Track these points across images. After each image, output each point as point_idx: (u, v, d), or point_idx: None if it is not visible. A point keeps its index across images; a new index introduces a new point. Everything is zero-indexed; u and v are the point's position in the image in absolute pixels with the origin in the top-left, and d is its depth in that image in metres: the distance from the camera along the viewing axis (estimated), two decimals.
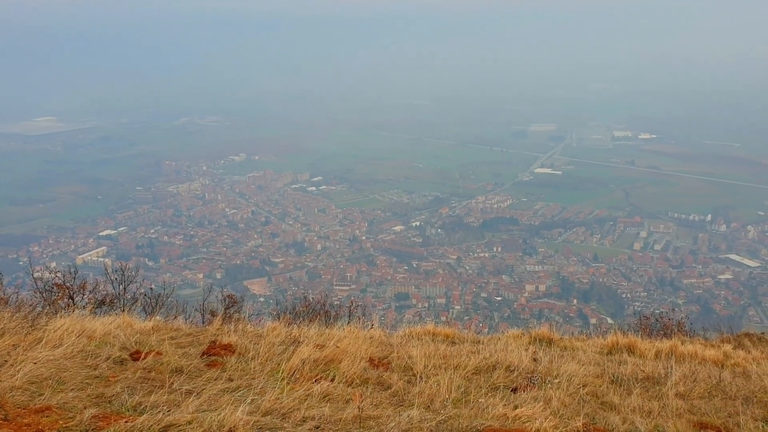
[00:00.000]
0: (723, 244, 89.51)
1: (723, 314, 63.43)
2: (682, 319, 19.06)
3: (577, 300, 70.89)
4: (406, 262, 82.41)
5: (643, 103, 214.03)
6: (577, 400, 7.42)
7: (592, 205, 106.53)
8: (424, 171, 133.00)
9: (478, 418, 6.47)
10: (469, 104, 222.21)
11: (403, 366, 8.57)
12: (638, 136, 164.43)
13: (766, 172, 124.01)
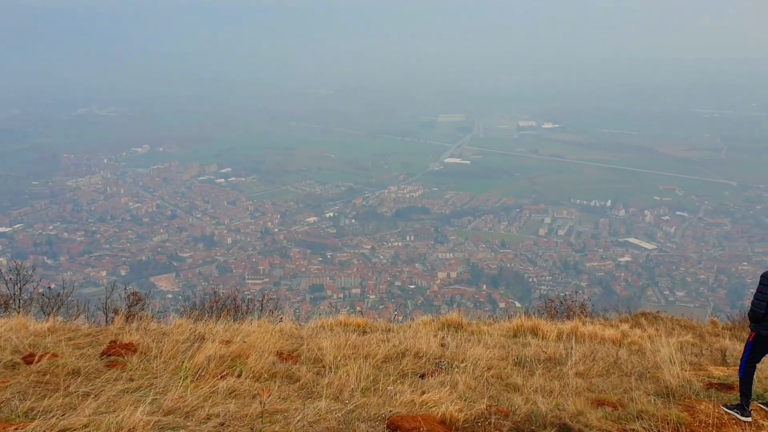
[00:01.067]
0: (622, 228, 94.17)
1: (623, 295, 66.74)
2: (584, 301, 19.94)
3: (486, 285, 72.73)
4: (320, 253, 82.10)
5: (548, 94, 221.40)
6: (482, 382, 7.62)
7: (500, 193, 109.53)
8: (336, 161, 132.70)
9: (386, 406, 6.53)
10: (379, 95, 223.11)
11: (313, 358, 8.55)
12: (542, 125, 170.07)
13: (661, 159, 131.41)
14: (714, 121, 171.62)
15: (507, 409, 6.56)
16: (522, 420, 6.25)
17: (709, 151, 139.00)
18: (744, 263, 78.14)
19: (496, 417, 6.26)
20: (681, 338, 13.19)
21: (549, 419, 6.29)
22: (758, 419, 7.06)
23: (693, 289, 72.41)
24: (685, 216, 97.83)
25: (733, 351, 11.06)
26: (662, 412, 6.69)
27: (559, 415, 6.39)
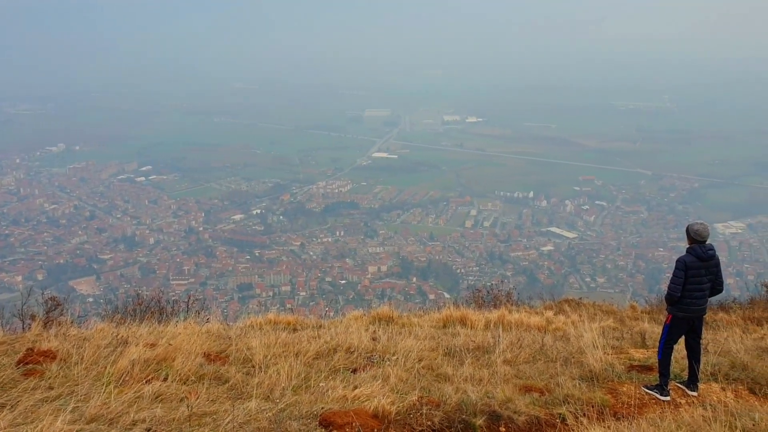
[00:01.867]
0: (545, 218, 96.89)
1: (547, 283, 68.67)
2: (510, 290, 20.35)
3: (416, 278, 73.45)
4: (248, 251, 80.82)
5: (472, 90, 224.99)
6: (413, 374, 7.66)
7: (427, 186, 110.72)
8: (262, 157, 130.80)
9: (318, 403, 6.48)
10: (304, 89, 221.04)
11: (242, 358, 8.39)
12: (466, 119, 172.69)
13: (579, 151, 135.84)
14: (629, 113, 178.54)
15: (438, 400, 6.62)
16: (453, 409, 6.33)
17: (626, 142, 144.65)
18: (660, 249, 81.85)
19: (428, 408, 6.31)
20: (603, 323, 13.67)
21: (479, 407, 6.38)
22: (676, 398, 7.38)
23: (613, 275, 75.29)
24: (604, 205, 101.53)
25: (651, 334, 11.54)
26: (587, 396, 6.90)
27: (488, 402, 6.50)
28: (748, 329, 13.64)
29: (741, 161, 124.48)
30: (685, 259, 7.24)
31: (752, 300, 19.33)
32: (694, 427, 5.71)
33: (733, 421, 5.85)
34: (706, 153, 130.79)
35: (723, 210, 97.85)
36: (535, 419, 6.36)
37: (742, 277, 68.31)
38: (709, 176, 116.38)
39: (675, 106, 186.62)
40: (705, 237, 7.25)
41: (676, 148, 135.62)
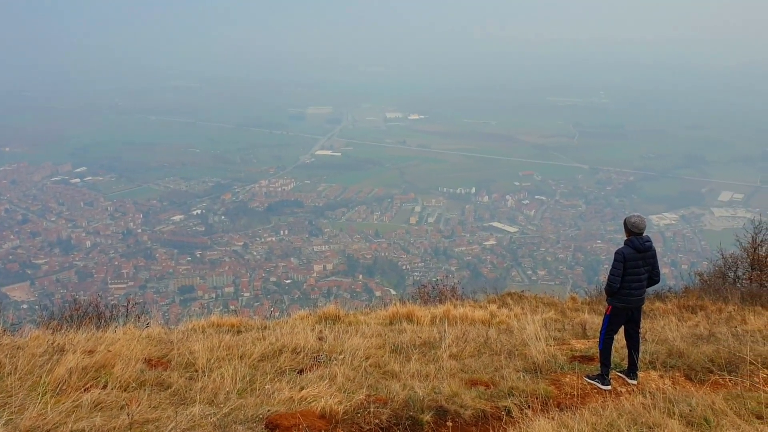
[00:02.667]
0: (487, 213, 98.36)
1: (490, 277, 69.87)
2: (455, 285, 20.55)
3: (362, 275, 73.50)
4: (189, 252, 79.25)
5: (413, 85, 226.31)
6: (361, 372, 7.63)
7: (371, 184, 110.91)
8: (202, 156, 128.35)
9: (264, 405, 6.38)
10: (244, 87, 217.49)
11: (184, 363, 8.19)
12: (408, 116, 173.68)
13: (519, 146, 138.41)
14: (566, 109, 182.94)
15: (386, 397, 6.61)
16: (400, 406, 6.32)
17: (563, 137, 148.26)
18: (598, 241, 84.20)
19: (375, 406, 6.29)
20: (545, 315, 13.93)
21: (426, 403, 6.40)
22: (617, 387, 7.57)
23: (553, 268, 77.05)
24: (543, 199, 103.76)
25: (592, 324, 11.82)
26: (531, 388, 7.00)
27: (435, 398, 6.53)
28: (684, 317, 14.13)
29: (673, 155, 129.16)
30: (624, 251, 7.42)
31: (687, 289, 20.05)
32: (634, 415, 5.86)
33: (671, 407, 6.03)
34: (641, 147, 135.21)
35: (657, 202, 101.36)
36: (481, 413, 6.41)
37: (676, 267, 70.90)
38: (643, 170, 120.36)
39: (610, 102, 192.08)
40: (642, 229, 7.45)
41: (612, 143, 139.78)
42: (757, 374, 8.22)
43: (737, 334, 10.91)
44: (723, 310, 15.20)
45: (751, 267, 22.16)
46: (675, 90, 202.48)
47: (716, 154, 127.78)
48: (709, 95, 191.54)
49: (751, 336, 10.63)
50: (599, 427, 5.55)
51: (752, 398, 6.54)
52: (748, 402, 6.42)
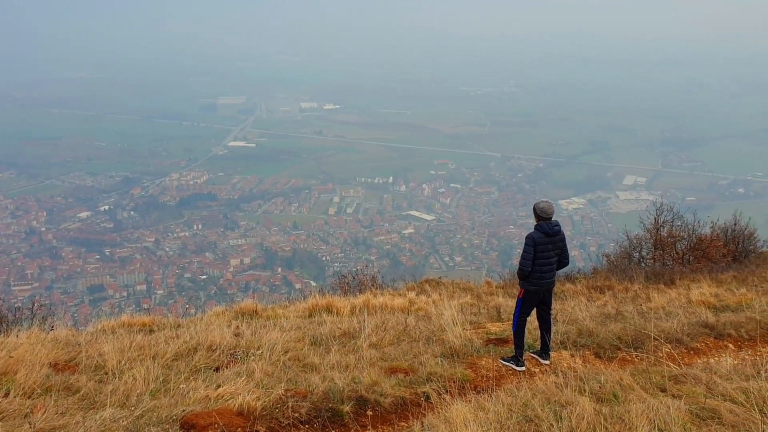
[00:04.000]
0: (404, 202, 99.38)
1: (409, 265, 70.69)
2: (375, 274, 20.67)
3: (281, 268, 72.76)
4: (97, 250, 76.01)
5: (326, 74, 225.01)
6: (279, 367, 7.53)
7: (288, 175, 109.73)
8: (108, 150, 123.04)
9: (179, 405, 6.20)
10: (149, 77, 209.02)
11: (93, 365, 7.86)
12: (324, 106, 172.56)
13: (434, 136, 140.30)
14: (477, 98, 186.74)
15: (305, 390, 6.55)
16: (320, 399, 6.28)
17: (475, 126, 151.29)
18: (511, 227, 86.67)
19: (295, 400, 6.22)
20: (461, 300, 14.20)
21: (346, 394, 6.39)
22: (531, 367, 7.80)
23: (469, 254, 78.80)
24: (458, 187, 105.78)
25: (506, 308, 12.14)
26: (449, 372, 7.11)
27: (355, 388, 6.52)
28: (592, 297, 14.73)
29: (580, 141, 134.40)
30: (534, 235, 7.63)
31: (595, 270, 20.95)
32: (547, 394, 6.04)
33: (582, 385, 6.26)
34: (549, 134, 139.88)
35: (566, 187, 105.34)
36: (400, 400, 6.46)
37: (585, 249, 74.02)
38: (552, 156, 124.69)
39: (520, 91, 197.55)
40: (550, 214, 7.67)
41: (522, 131, 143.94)
42: (660, 349, 8.67)
43: (642, 312, 11.48)
44: (629, 289, 15.96)
45: (654, 247, 23.39)
46: (580, 80, 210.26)
47: (620, 140, 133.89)
48: (612, 84, 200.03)
49: (655, 313, 11.21)
50: (514, 408, 5.69)
51: (657, 372, 6.88)
52: (653, 376, 6.75)
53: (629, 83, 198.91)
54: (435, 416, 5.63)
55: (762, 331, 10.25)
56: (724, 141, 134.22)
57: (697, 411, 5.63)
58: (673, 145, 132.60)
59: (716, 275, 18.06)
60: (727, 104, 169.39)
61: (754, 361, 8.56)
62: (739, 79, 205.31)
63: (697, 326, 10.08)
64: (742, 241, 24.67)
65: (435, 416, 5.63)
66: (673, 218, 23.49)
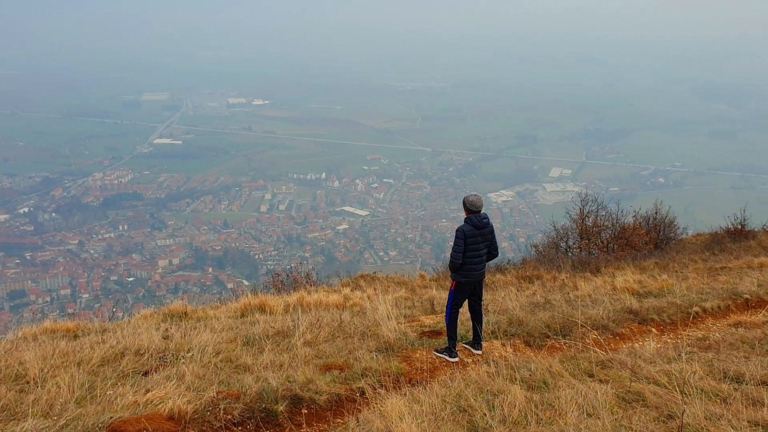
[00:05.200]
0: (338, 198, 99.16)
1: (344, 260, 70.63)
2: (309, 271, 20.58)
3: (212, 268, 71.43)
4: (17, 254, 72.64)
5: (255, 70, 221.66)
6: (211, 369, 7.37)
7: (217, 172, 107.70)
8: (26, 150, 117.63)
9: (106, 413, 5.98)
10: (67, 73, 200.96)
11: (13, 375, 7.49)
12: (252, 102, 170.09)
13: (365, 131, 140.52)
14: (408, 93, 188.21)
15: (238, 392, 6.44)
16: (254, 399, 6.18)
17: (406, 121, 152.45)
18: (443, 220, 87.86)
19: (227, 401, 6.10)
20: (396, 294, 14.27)
21: (280, 393, 6.31)
22: (464, 358, 7.91)
23: (403, 248, 79.42)
24: (391, 182, 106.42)
25: (439, 300, 12.28)
26: (384, 367, 7.13)
27: (289, 387, 6.45)
28: (522, 287, 15.07)
29: (507, 135, 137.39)
30: (464, 228, 7.73)
31: (524, 260, 21.47)
32: (480, 384, 6.14)
33: (513, 373, 6.39)
34: (478, 129, 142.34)
35: (495, 180, 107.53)
36: (336, 397, 6.43)
37: (515, 241, 75.78)
38: (481, 150, 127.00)
39: (448, 86, 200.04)
40: (479, 207, 7.79)
41: (451, 126, 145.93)
42: (588, 336, 8.95)
43: (570, 300, 11.83)
44: (557, 278, 16.41)
45: (580, 237, 24.18)
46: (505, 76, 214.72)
47: (546, 134, 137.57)
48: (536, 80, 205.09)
49: (582, 301, 11.57)
50: (448, 399, 5.75)
51: (584, 359, 7.10)
52: (581, 362, 6.96)
53: (553, 79, 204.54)
54: (370, 411, 5.63)
55: (683, 315, 10.74)
56: (644, 133, 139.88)
57: (623, 394, 5.83)
58: (597, 137, 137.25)
59: (639, 262, 18.81)
60: (646, 97, 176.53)
61: (675, 344, 8.95)
62: (656, 73, 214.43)
63: (622, 312, 10.46)
64: (663, 228, 25.82)
65: (370, 411, 5.63)
66: (597, 208, 24.36)
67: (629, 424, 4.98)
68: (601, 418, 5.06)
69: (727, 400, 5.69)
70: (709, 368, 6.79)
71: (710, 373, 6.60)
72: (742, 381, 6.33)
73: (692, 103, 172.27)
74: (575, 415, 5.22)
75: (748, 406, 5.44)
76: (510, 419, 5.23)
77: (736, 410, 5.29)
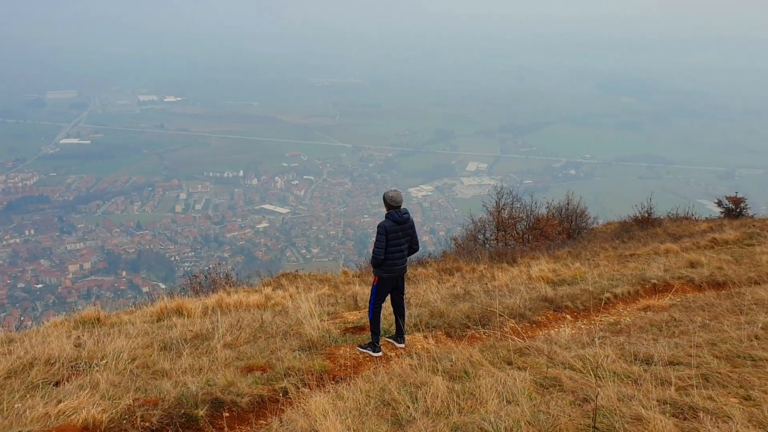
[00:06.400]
0: (257, 196, 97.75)
1: (265, 260, 69.75)
2: (228, 272, 20.21)
3: (126, 271, 69.07)
4: None
5: (165, 67, 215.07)
6: (127, 376, 7.11)
7: (128, 172, 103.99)
8: None
9: (15, 427, 5.68)
10: None
11: None
12: (164, 99, 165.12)
13: (284, 127, 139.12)
14: (326, 89, 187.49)
15: (156, 398, 6.23)
16: (172, 405, 6.01)
17: (325, 117, 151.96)
18: (365, 216, 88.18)
19: (145, 408, 5.90)
20: (319, 292, 14.22)
21: (200, 397, 6.16)
22: (387, 352, 7.96)
23: (326, 245, 79.20)
24: (312, 179, 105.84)
25: (363, 296, 12.30)
26: (307, 365, 7.08)
27: (210, 390, 6.31)
28: (443, 279, 15.32)
29: (425, 131, 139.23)
30: (385, 224, 7.76)
31: (444, 253, 21.81)
32: (403, 377, 6.19)
33: (435, 365, 6.48)
34: (397, 125, 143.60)
35: (415, 176, 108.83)
36: (258, 398, 6.34)
37: (435, 234, 76.98)
38: (400, 146, 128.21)
39: (366, 82, 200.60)
40: (399, 202, 7.84)
41: (371, 122, 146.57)
42: (506, 325, 9.18)
43: (488, 290, 12.11)
44: (476, 269, 16.77)
45: (497, 229, 24.81)
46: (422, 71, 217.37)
47: (462, 129, 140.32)
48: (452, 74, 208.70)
49: (500, 291, 11.86)
50: (372, 393, 5.77)
51: (503, 347, 7.28)
52: (500, 351, 7.13)
53: (467, 75, 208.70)
54: (294, 411, 5.58)
55: (595, 301, 11.19)
56: (555, 126, 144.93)
57: (541, 380, 6.01)
58: (510, 132, 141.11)
59: (553, 252, 19.47)
60: (555, 92, 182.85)
61: (589, 329, 9.32)
62: (566, 67, 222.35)
63: (537, 301, 10.79)
64: (575, 218, 26.84)
65: (294, 411, 5.58)
66: (512, 201, 25.07)
67: (547, 409, 5.13)
68: (520, 405, 5.20)
69: (638, 381, 5.96)
70: (621, 351, 7.11)
71: (622, 356, 6.91)
72: (651, 362, 6.66)
73: (600, 96, 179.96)
74: (495, 403, 5.34)
75: (657, 386, 5.72)
76: (433, 410, 5.30)
77: (646, 390, 5.56)
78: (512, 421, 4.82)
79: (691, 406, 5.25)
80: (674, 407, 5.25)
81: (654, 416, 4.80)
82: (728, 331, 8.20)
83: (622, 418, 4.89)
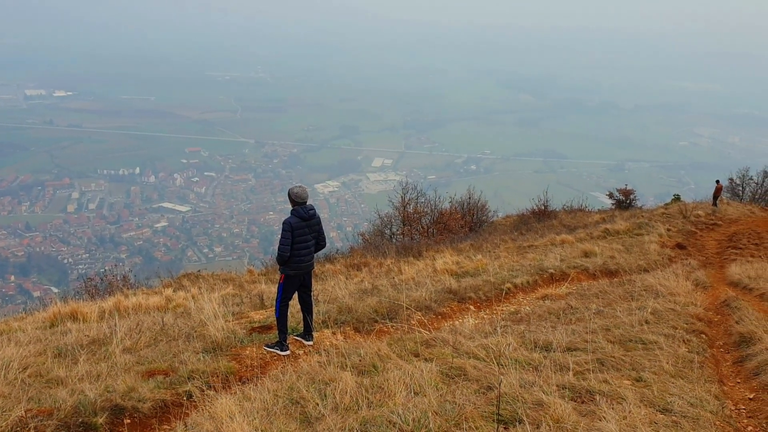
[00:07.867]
0: (155, 194, 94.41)
1: (165, 260, 67.57)
2: (126, 273, 19.43)
3: (14, 276, 65.20)
4: None
5: (55, 60, 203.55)
6: (18, 386, 6.70)
7: (15, 171, 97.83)
8: None
9: None
10: None
11: None
12: (53, 93, 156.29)
13: (182, 123, 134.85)
14: (226, 83, 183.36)
15: (51, 408, 5.90)
16: (69, 414, 5.71)
17: (226, 112, 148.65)
18: (270, 212, 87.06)
19: (39, 419, 5.58)
20: (223, 292, 13.90)
21: (99, 405, 5.89)
22: (295, 350, 7.90)
23: (230, 243, 77.62)
24: (213, 176, 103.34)
25: (269, 294, 12.15)
26: (212, 367, 6.91)
27: (109, 397, 6.04)
28: (351, 275, 15.36)
29: (330, 126, 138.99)
30: (290, 220, 7.68)
31: (352, 249, 21.87)
32: (312, 374, 6.16)
33: (344, 360, 6.48)
34: (301, 120, 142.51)
35: (320, 171, 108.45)
36: (161, 403, 6.12)
37: (342, 230, 77.04)
38: (305, 141, 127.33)
39: (269, 76, 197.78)
40: (304, 198, 7.79)
41: (274, 117, 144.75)
42: (412, 317, 9.32)
43: (395, 284, 12.25)
44: (383, 264, 16.92)
45: (402, 223, 25.14)
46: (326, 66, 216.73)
47: (367, 125, 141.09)
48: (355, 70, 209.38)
49: (406, 284, 12.03)
50: (280, 393, 5.71)
51: (410, 339, 7.38)
52: (407, 343, 7.23)
53: (369, 71, 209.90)
54: (199, 414, 5.43)
55: (496, 291, 11.55)
56: (457, 123, 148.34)
57: (447, 371, 6.15)
58: (414, 128, 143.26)
59: (457, 245, 19.94)
60: (458, 89, 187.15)
61: (491, 319, 9.61)
62: (469, 65, 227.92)
63: (442, 293, 11.02)
64: (477, 212, 27.63)
65: (199, 414, 5.43)
66: (417, 196, 25.49)
67: (453, 399, 5.25)
68: (427, 396, 5.29)
69: (538, 368, 6.21)
70: (522, 339, 7.37)
71: (523, 344, 7.17)
72: (550, 349, 6.95)
73: (499, 93, 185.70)
74: (403, 395, 5.41)
75: (557, 371, 5.98)
76: (342, 406, 5.31)
77: (546, 376, 5.79)
78: (420, 412, 4.90)
79: (588, 389, 5.52)
80: (573, 391, 5.50)
81: (554, 401, 5.01)
82: (621, 316, 8.69)
83: (524, 404, 5.07)
